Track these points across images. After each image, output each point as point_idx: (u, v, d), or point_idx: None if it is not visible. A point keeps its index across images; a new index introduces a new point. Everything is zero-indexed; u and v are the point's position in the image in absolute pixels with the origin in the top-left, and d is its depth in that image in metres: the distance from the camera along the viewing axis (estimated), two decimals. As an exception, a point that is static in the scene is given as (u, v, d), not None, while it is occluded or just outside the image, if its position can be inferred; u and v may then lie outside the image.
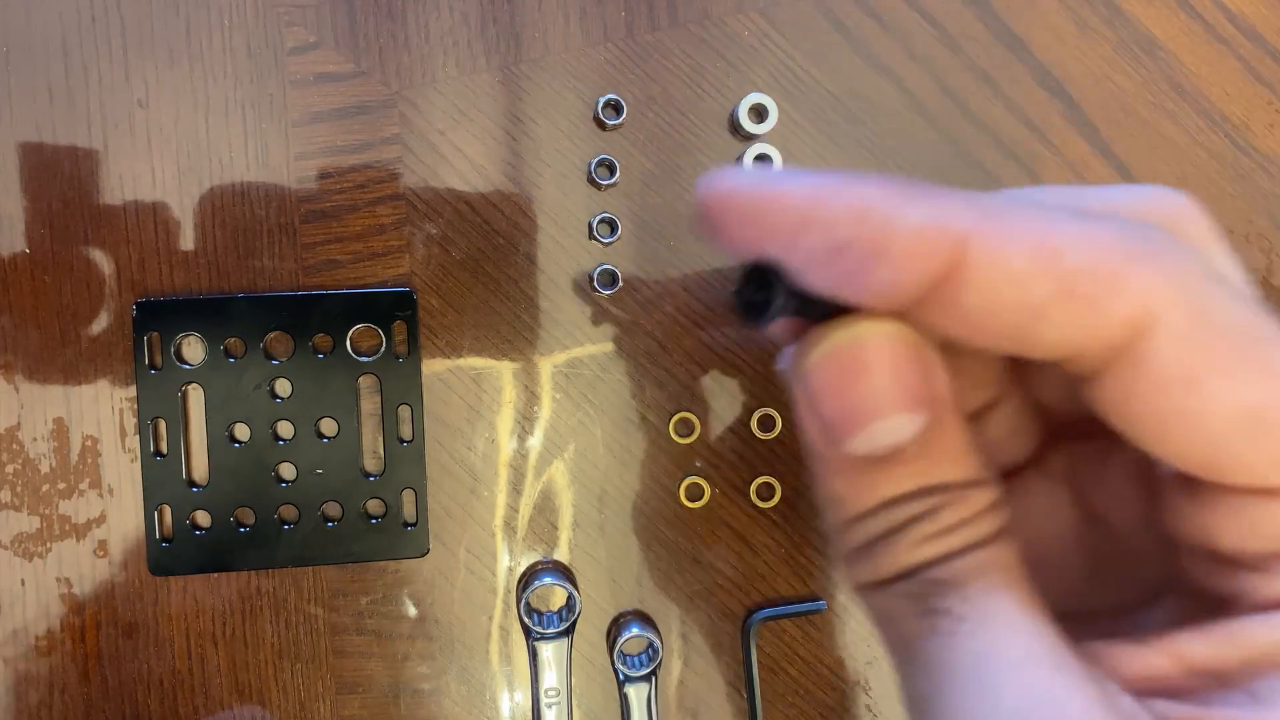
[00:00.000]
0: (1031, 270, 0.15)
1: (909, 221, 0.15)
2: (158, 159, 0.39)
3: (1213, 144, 0.43)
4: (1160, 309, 0.15)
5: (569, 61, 0.40)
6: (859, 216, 0.15)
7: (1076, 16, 0.42)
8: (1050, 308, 0.15)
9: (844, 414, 0.16)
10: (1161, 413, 0.15)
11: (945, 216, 0.15)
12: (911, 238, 0.15)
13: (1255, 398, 0.15)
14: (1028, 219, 0.15)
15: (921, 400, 0.16)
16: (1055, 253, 0.15)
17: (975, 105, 0.42)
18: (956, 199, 0.15)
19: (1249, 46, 0.43)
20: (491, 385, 0.41)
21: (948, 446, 0.17)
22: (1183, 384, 0.15)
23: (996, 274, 0.15)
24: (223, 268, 0.39)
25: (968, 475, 0.17)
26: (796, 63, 0.41)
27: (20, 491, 0.39)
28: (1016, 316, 0.15)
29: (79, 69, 0.38)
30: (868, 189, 0.15)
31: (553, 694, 0.40)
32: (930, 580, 0.17)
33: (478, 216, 0.40)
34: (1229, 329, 0.15)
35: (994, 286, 0.15)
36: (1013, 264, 0.15)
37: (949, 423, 0.17)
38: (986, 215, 0.15)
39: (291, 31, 0.39)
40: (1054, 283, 0.15)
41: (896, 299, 0.15)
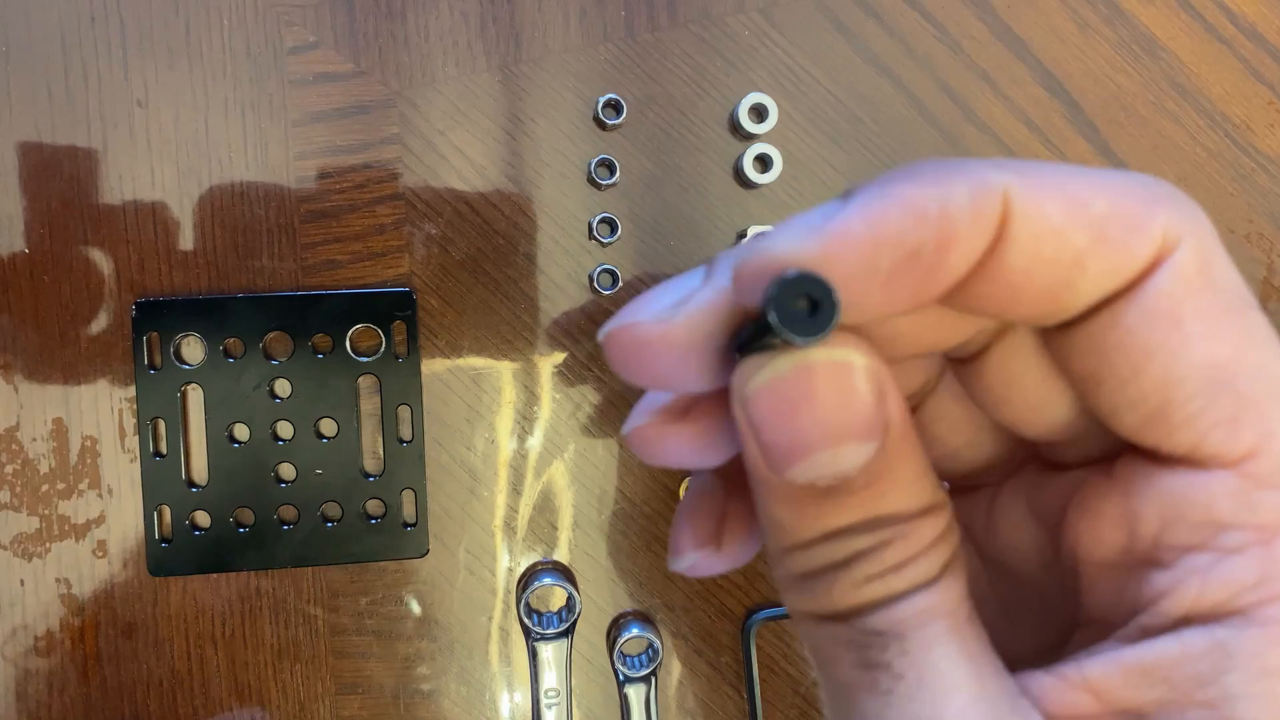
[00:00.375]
0: (1068, 220, 0.15)
1: (961, 198, 0.15)
2: (157, 159, 0.39)
3: (1213, 143, 0.43)
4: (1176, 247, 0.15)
5: (569, 61, 0.40)
6: (919, 217, 0.15)
7: (1077, 16, 0.42)
8: (1087, 256, 0.15)
9: (788, 442, 0.15)
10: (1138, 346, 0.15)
11: (986, 179, 0.15)
12: (970, 212, 0.15)
13: (1227, 353, 0.15)
14: (1054, 173, 0.15)
15: (871, 429, 0.15)
16: (1084, 201, 0.15)
17: (975, 104, 0.42)
18: (983, 162, 0.15)
19: (1249, 46, 0.43)
20: (491, 385, 0.40)
21: (899, 475, 0.16)
22: (1169, 320, 0.15)
23: (1039, 227, 0.15)
24: (222, 268, 0.39)
25: (919, 503, 0.16)
26: (796, 62, 0.41)
27: (20, 492, 0.39)
28: (1058, 270, 0.15)
29: (78, 69, 0.38)
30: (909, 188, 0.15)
31: (552, 694, 0.40)
32: (869, 630, 0.16)
33: (477, 216, 0.40)
34: (1223, 285, 0.15)
35: (1037, 240, 0.15)
36: (1051, 216, 0.15)
37: (902, 449, 0.16)
38: (1018, 172, 0.15)
39: (291, 31, 0.39)
40: (1089, 231, 0.15)
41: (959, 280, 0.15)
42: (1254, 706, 0.14)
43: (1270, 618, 0.14)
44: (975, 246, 0.15)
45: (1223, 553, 0.15)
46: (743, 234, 0.40)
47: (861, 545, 0.16)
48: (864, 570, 0.16)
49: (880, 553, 0.16)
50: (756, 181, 0.40)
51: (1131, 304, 0.15)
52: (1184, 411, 0.15)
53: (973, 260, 0.15)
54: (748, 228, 0.40)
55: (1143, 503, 0.16)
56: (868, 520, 0.16)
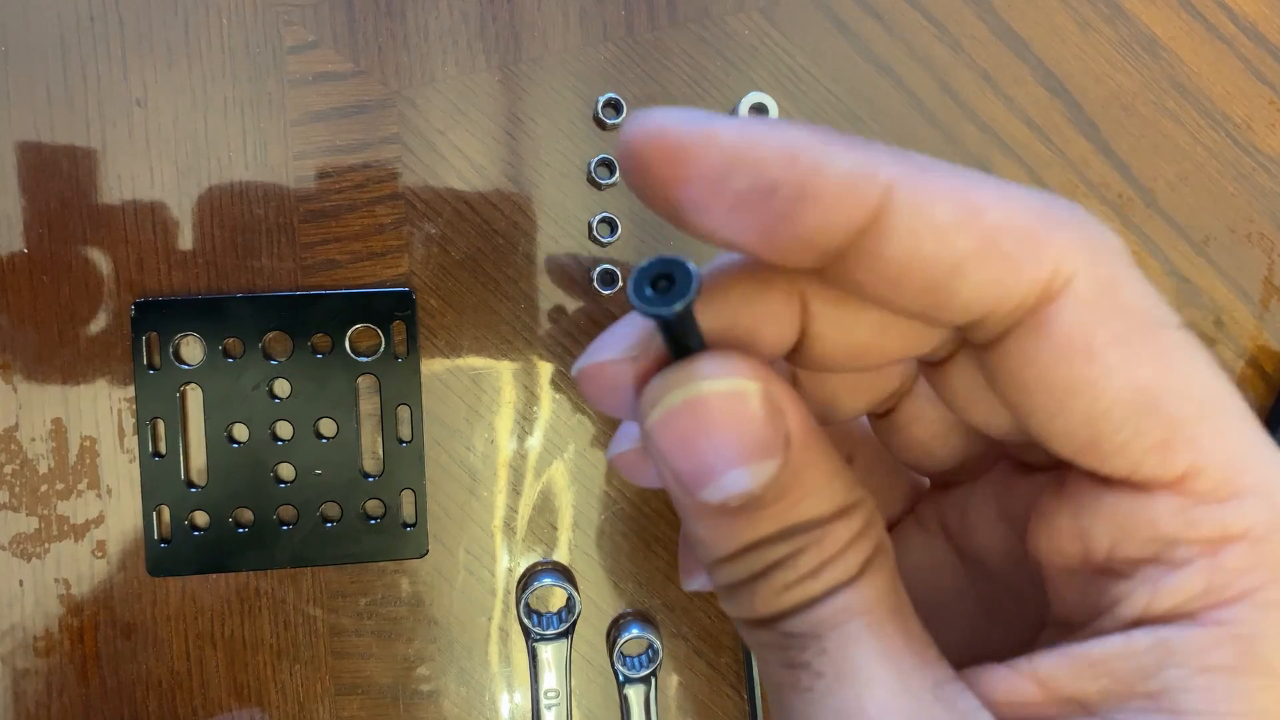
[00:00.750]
0: (954, 223, 0.15)
1: (839, 165, 0.15)
2: (156, 158, 0.39)
3: (1214, 143, 0.43)
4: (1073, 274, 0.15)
5: (569, 60, 0.40)
6: (790, 158, 0.15)
7: (1077, 15, 0.42)
8: (970, 263, 0.15)
9: (691, 470, 0.16)
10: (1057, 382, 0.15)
11: (874, 163, 0.15)
12: (841, 181, 0.15)
13: (1149, 378, 0.15)
14: (952, 175, 0.15)
15: (769, 449, 0.16)
16: (978, 209, 0.15)
17: (976, 104, 0.41)
18: (884, 150, 0.15)
19: (1250, 46, 0.43)
20: (491, 385, 0.40)
21: (808, 484, 0.16)
22: (1083, 353, 0.15)
23: (920, 224, 0.15)
24: (221, 267, 0.39)
25: (831, 507, 0.17)
26: (796, 61, 0.41)
27: (19, 492, 0.39)
28: (936, 271, 0.15)
29: (77, 68, 0.38)
30: (799, 133, 0.15)
31: (552, 695, 0.40)
32: (788, 633, 0.17)
33: (477, 216, 0.40)
34: (1135, 307, 0.15)
35: (917, 237, 0.15)
36: (936, 215, 0.15)
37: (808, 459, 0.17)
38: (913, 167, 0.15)
39: (290, 30, 0.39)
40: (975, 238, 0.15)
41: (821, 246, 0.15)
42: (1194, 699, 0.15)
43: (1216, 619, 0.15)
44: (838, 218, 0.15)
45: (1171, 565, 0.15)
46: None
47: (778, 555, 0.17)
48: (781, 578, 0.17)
49: (795, 560, 0.16)
50: (757, 181, 0.40)
51: (1042, 339, 0.15)
52: (1114, 441, 0.15)
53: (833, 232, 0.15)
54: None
55: (1092, 520, 0.16)
56: (782, 531, 0.16)
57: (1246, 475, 0.15)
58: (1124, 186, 0.42)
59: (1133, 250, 0.42)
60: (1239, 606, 0.15)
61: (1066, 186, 0.42)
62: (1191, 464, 0.15)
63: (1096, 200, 0.42)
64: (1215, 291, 0.43)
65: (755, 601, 0.17)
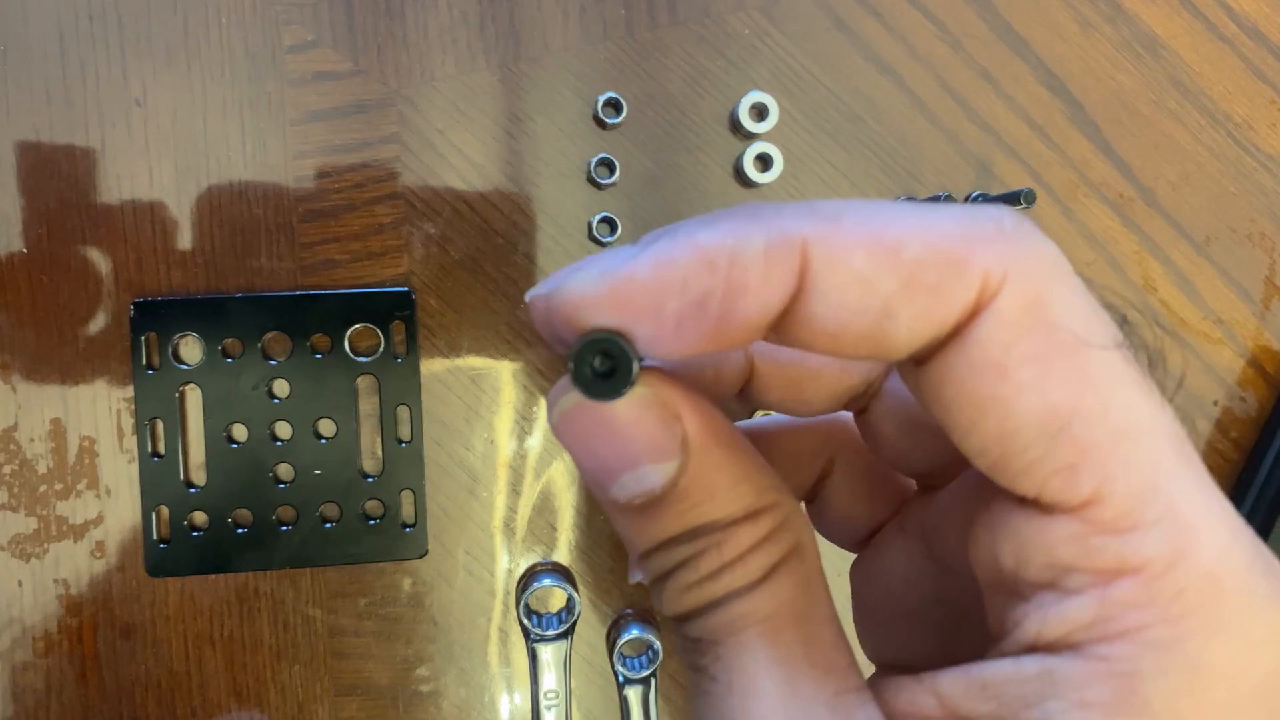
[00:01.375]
0: (873, 268, 0.15)
1: (755, 247, 0.15)
2: (155, 158, 0.39)
3: (1215, 143, 0.43)
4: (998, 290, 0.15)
5: (568, 60, 0.40)
6: (708, 265, 0.15)
7: (1078, 14, 0.42)
8: (897, 303, 0.15)
9: (594, 468, 0.17)
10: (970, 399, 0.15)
11: (784, 231, 0.15)
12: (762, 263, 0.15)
13: (1061, 399, 0.15)
14: (864, 217, 0.15)
15: (663, 450, 0.17)
16: (894, 247, 0.15)
17: (976, 103, 0.41)
18: (789, 209, 0.15)
19: (1251, 45, 0.42)
20: (490, 385, 0.40)
21: (707, 486, 0.17)
22: (996, 370, 0.15)
23: (839, 278, 0.15)
24: (220, 267, 0.39)
25: (736, 510, 0.17)
26: (797, 61, 0.41)
27: (17, 492, 0.39)
28: (866, 319, 0.15)
29: (76, 68, 0.38)
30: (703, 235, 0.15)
31: (552, 696, 0.40)
32: (689, 636, 0.17)
33: (477, 216, 0.40)
34: (1059, 325, 0.15)
35: (839, 291, 0.15)
36: (854, 264, 0.15)
37: (710, 461, 0.17)
38: (821, 219, 0.15)
39: (289, 30, 0.39)
40: (897, 278, 0.15)
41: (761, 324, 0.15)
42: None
43: (1098, 654, 0.15)
44: (770, 297, 0.15)
45: (1065, 593, 0.15)
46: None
47: (682, 555, 0.17)
48: (683, 578, 0.17)
49: (695, 562, 0.17)
50: (757, 181, 0.40)
51: (959, 354, 0.15)
52: (1021, 460, 0.15)
53: (770, 310, 0.15)
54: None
55: (1001, 539, 0.16)
56: (687, 530, 0.17)
57: (1152, 508, 0.15)
58: (1125, 186, 0.42)
59: (1133, 250, 0.42)
60: (1123, 643, 0.14)
61: (1067, 186, 0.42)
62: (1095, 490, 0.15)
63: (1097, 199, 0.42)
64: (1216, 291, 0.43)
65: (663, 600, 0.18)
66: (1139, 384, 0.15)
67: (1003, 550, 0.16)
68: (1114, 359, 0.15)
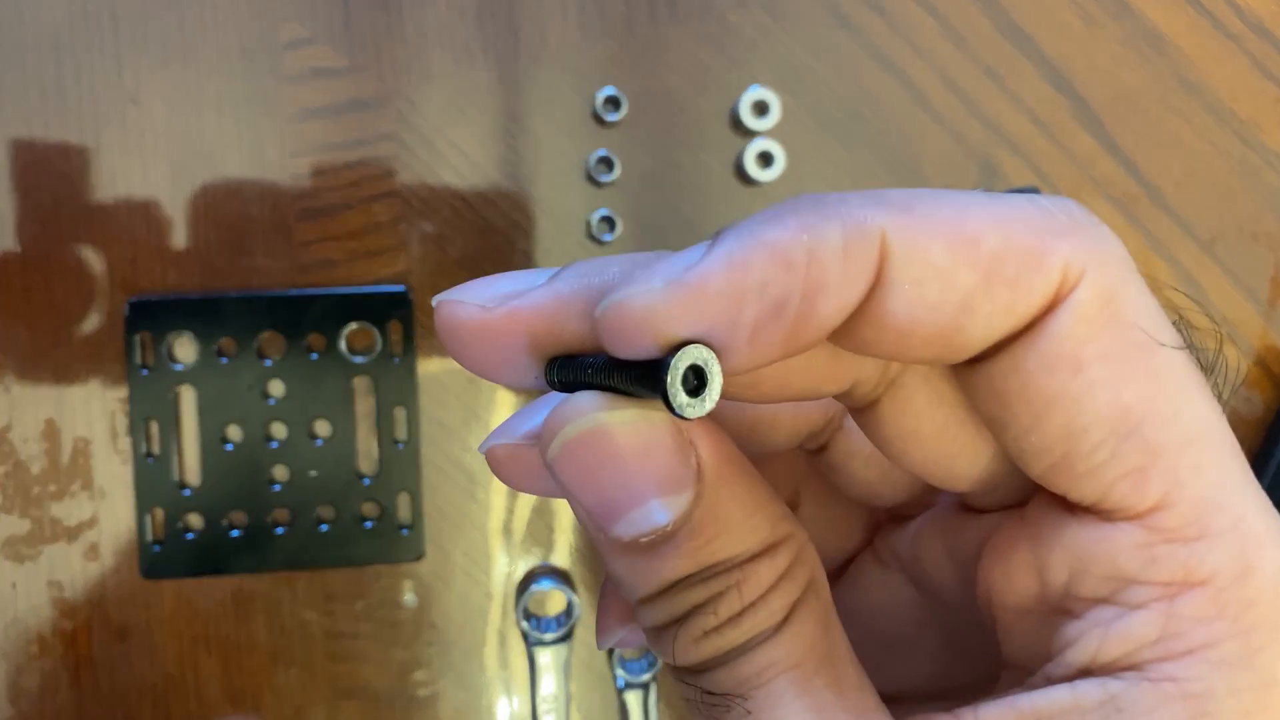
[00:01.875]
0: (952, 260, 0.14)
1: (833, 241, 0.14)
2: (150, 156, 0.38)
3: (1220, 140, 0.42)
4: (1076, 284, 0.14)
5: (567, 56, 0.40)
6: (785, 264, 0.14)
7: (1083, 11, 0.41)
8: (977, 298, 0.14)
9: (598, 504, 0.15)
10: (1039, 394, 0.14)
11: (861, 220, 0.14)
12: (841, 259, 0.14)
13: (1135, 399, 0.14)
14: (941, 207, 0.14)
15: (678, 482, 0.15)
16: (973, 239, 0.14)
17: (980, 100, 0.41)
18: (855, 199, 0.14)
19: (1257, 42, 0.42)
20: (488, 386, 0.40)
21: (725, 520, 0.15)
22: (1070, 365, 0.14)
23: (919, 271, 0.14)
24: (216, 266, 0.39)
25: (753, 545, 0.16)
26: (799, 57, 0.40)
27: (11, 494, 0.39)
28: (943, 314, 0.14)
29: (70, 65, 0.38)
30: (774, 232, 0.14)
31: (551, 700, 0.40)
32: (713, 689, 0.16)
33: (475, 214, 0.40)
34: (1133, 322, 0.14)
35: (918, 285, 0.14)
36: (933, 257, 0.14)
37: (725, 492, 0.16)
38: (899, 210, 0.14)
39: (286, 26, 0.39)
40: (978, 270, 0.14)
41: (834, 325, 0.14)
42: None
43: (1165, 675, 0.14)
44: (849, 294, 0.14)
45: (1126, 608, 0.14)
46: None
47: (697, 598, 0.15)
48: (700, 624, 0.15)
49: (715, 605, 0.15)
50: (758, 178, 0.40)
51: (1030, 348, 0.14)
52: (1088, 462, 0.14)
53: (847, 308, 0.14)
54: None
55: (1052, 551, 0.15)
56: (700, 570, 0.15)
57: (1220, 516, 0.14)
58: (1130, 184, 0.42)
59: (1138, 248, 0.42)
60: (1192, 661, 0.14)
61: (1072, 184, 0.42)
62: (1163, 496, 0.14)
63: (1102, 198, 0.42)
64: (1222, 290, 0.43)
65: (676, 648, 0.16)
66: (1204, 388, 0.15)
67: (1052, 564, 0.15)
68: (1183, 360, 0.14)
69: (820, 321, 0.14)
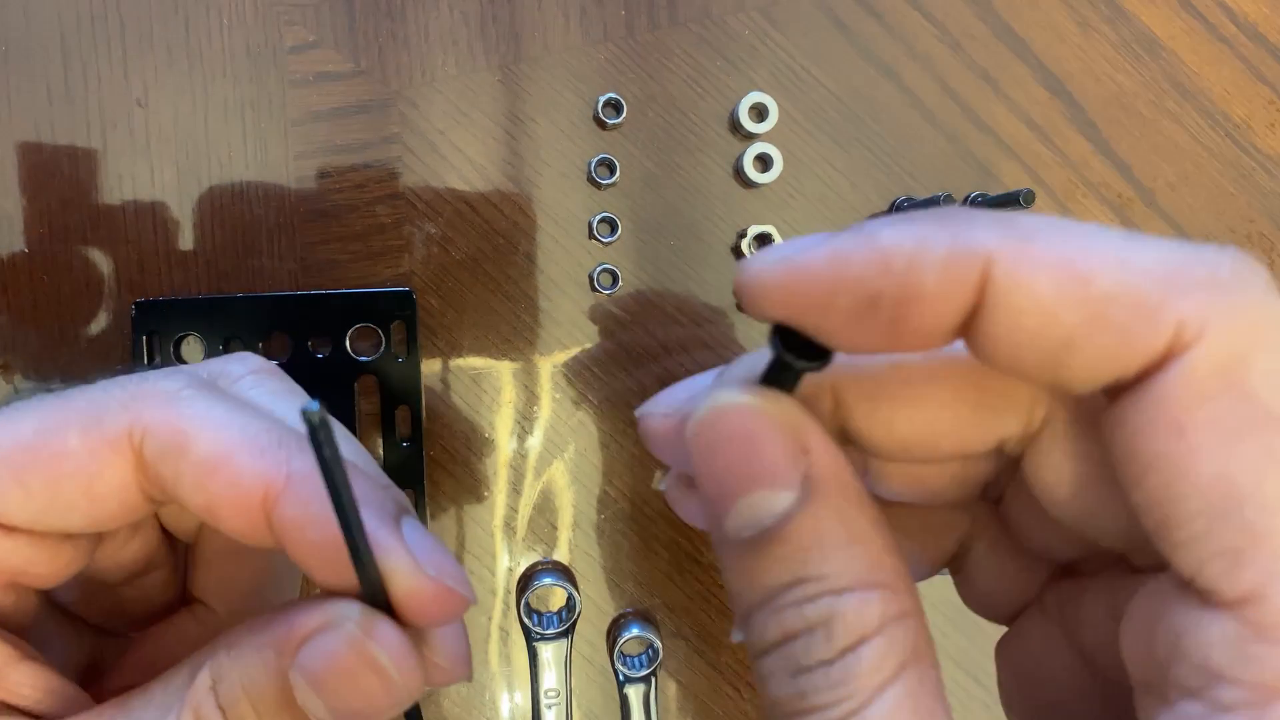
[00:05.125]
0: (1057, 296, 0.14)
1: (934, 254, 0.14)
2: (157, 159, 0.39)
3: (1214, 143, 0.43)
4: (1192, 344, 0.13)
5: (569, 60, 0.40)
6: (882, 266, 0.14)
7: (1078, 15, 0.42)
8: (1079, 338, 0.14)
9: (715, 490, 0.16)
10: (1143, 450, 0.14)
11: (968, 243, 0.14)
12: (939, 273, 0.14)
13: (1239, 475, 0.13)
14: (1058, 239, 0.14)
15: (783, 477, 0.15)
16: (1085, 277, 0.13)
17: (976, 104, 0.41)
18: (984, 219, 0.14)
19: (1250, 46, 0.43)
20: (491, 385, 0.40)
21: (818, 533, 0.15)
22: (1173, 428, 0.13)
23: (1020, 300, 0.14)
24: (222, 267, 0.39)
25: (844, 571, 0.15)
26: (797, 62, 0.41)
27: (19, 492, 0.39)
28: (1044, 347, 0.14)
29: (78, 68, 0.38)
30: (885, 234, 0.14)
31: (552, 695, 0.40)
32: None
33: (477, 216, 0.40)
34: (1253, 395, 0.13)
35: (1019, 314, 0.14)
36: (1038, 290, 0.14)
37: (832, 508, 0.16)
38: (1011, 236, 0.14)
39: (291, 30, 0.39)
40: (1082, 311, 0.13)
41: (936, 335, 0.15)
42: None
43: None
44: (945, 308, 0.14)
45: (1215, 709, 0.13)
46: (743, 233, 0.40)
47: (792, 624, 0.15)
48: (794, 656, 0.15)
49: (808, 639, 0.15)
50: (757, 181, 0.40)
51: (1139, 401, 0.14)
52: (1183, 532, 0.14)
53: (945, 321, 0.14)
54: (748, 228, 0.40)
55: (1158, 630, 0.15)
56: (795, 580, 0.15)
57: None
58: (1124, 186, 0.42)
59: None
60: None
61: (1066, 187, 0.42)
62: (1258, 585, 0.13)
63: (1096, 200, 0.42)
64: (1215, 291, 0.43)
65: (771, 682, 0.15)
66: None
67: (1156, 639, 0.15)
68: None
69: (920, 325, 0.14)
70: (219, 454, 0.18)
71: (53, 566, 0.20)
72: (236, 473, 0.18)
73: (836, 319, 0.15)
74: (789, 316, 0.15)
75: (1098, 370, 0.14)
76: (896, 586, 0.15)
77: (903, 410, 0.17)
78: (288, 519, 0.18)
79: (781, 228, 0.40)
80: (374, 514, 0.18)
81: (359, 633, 0.18)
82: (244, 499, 0.18)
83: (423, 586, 0.18)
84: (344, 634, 0.18)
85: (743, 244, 0.40)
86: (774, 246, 0.16)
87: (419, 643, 0.19)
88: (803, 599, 0.15)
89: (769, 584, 0.16)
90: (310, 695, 0.18)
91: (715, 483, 0.16)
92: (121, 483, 0.18)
